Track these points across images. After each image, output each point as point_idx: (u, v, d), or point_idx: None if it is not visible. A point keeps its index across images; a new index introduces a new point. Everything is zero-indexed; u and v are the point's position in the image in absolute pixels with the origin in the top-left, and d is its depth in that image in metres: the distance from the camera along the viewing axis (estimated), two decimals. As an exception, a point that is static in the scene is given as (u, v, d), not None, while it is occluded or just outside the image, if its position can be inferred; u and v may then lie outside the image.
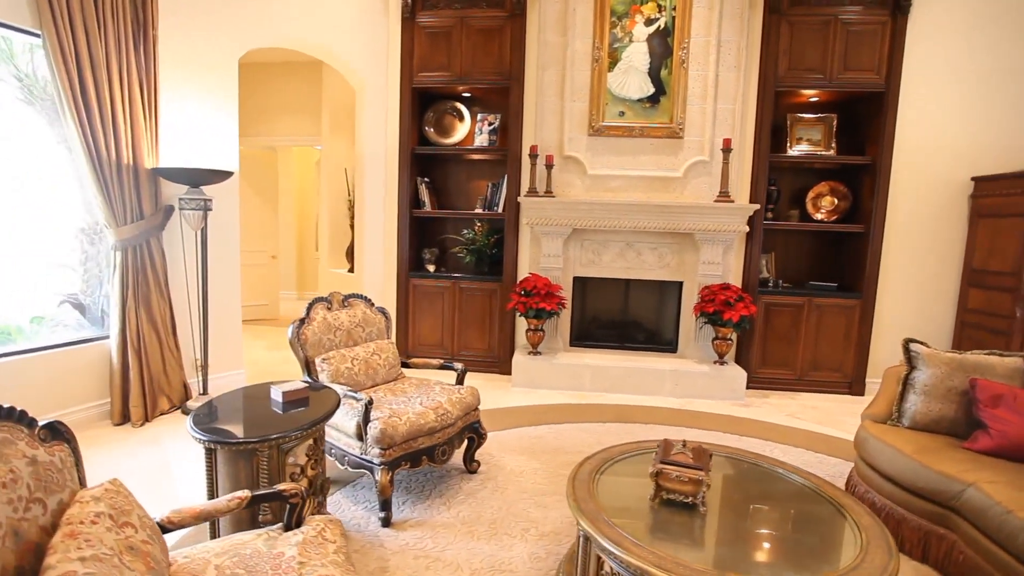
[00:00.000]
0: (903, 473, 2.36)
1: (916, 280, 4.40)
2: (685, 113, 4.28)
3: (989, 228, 4.13)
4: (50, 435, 1.25)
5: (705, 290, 4.29)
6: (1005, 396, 2.40)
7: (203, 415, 1.88)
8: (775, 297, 4.43)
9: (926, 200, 4.32)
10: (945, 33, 4.16)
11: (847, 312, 4.38)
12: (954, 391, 2.54)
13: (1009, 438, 2.30)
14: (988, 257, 4.11)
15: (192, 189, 3.53)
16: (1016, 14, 4.13)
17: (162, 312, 3.64)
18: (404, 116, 4.63)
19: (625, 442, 2.28)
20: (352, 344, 2.89)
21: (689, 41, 4.19)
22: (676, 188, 4.39)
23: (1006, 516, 1.91)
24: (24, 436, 1.18)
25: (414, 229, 4.84)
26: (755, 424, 3.79)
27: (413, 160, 4.73)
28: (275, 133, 6.03)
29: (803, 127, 4.47)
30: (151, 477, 2.74)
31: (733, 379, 4.25)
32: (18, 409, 1.21)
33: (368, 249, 4.81)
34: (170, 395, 3.70)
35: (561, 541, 2.31)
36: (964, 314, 4.31)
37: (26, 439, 1.18)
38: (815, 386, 4.47)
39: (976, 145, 4.24)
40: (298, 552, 1.35)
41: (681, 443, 1.92)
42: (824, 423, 3.86)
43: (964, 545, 2.11)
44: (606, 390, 4.33)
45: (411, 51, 4.54)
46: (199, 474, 2.72)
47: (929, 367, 2.63)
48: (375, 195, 4.78)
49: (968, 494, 2.09)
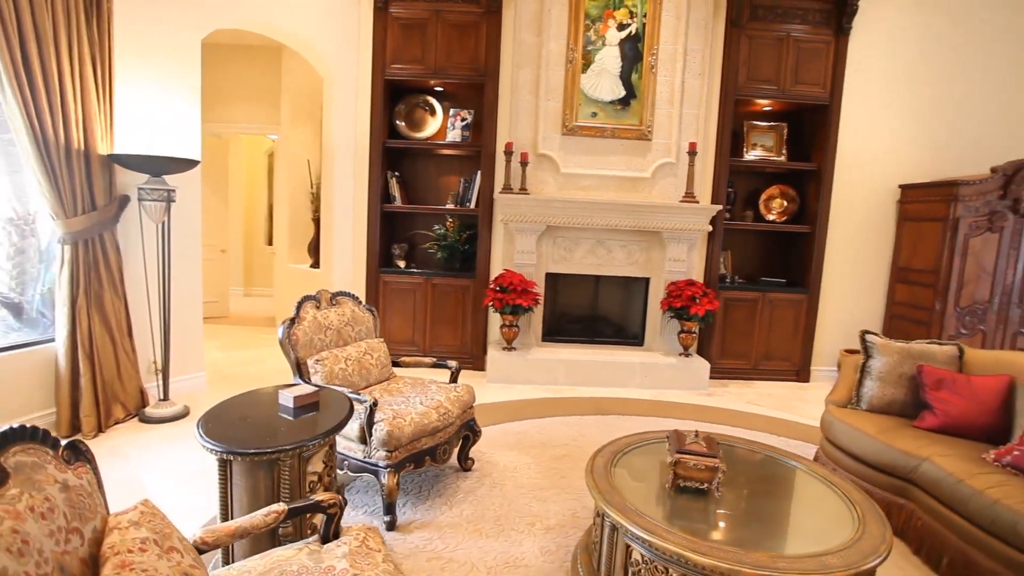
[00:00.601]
0: (866, 451, 2.63)
1: (853, 276, 4.84)
2: (654, 116, 4.45)
3: (913, 231, 4.60)
4: (73, 455, 1.15)
5: (672, 286, 4.50)
6: (946, 380, 2.71)
7: (210, 425, 1.78)
8: (733, 292, 4.72)
9: (862, 204, 4.75)
10: (880, 55, 4.58)
11: (795, 306, 4.75)
12: (904, 376, 2.84)
13: (951, 416, 2.61)
14: (912, 256, 4.59)
15: (153, 178, 3.29)
16: (941, 42, 4.61)
17: (116, 312, 3.37)
18: (375, 108, 4.51)
19: (628, 435, 2.38)
20: (343, 344, 2.82)
21: (658, 48, 4.36)
22: (644, 188, 4.56)
23: (957, 485, 2.18)
24: (51, 458, 1.08)
25: (384, 224, 4.74)
26: (720, 412, 4.04)
27: (384, 153, 4.62)
28: (227, 120, 5.67)
29: (758, 134, 4.78)
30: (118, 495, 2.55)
31: (697, 370, 4.50)
32: (40, 428, 1.11)
33: (337, 244, 4.66)
34: (125, 402, 3.44)
35: (567, 533, 2.38)
36: (892, 307, 4.78)
37: (54, 462, 1.08)
38: (768, 375, 4.82)
39: (904, 156, 4.71)
40: (349, 565, 1.33)
41: (694, 433, 2.04)
42: (779, 409, 4.18)
43: (921, 512, 2.38)
44: (579, 383, 4.45)
45: (383, 42, 4.43)
46: (173, 489, 2.57)
47: (883, 356, 2.92)
48: (344, 188, 4.63)
49: (924, 467, 2.36)
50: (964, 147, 4.69)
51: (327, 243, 4.79)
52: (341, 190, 4.63)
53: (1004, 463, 2.23)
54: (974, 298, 4.22)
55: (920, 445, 2.46)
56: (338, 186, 4.62)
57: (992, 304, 4.24)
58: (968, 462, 2.27)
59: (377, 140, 4.56)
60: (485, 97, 4.50)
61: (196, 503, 2.49)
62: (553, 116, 4.46)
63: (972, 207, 4.12)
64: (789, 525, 1.88)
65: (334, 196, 4.63)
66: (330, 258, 4.71)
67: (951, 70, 4.63)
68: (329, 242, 4.73)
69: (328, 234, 4.76)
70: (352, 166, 4.62)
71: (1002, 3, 4.60)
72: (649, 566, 1.71)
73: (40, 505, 0.96)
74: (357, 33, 4.47)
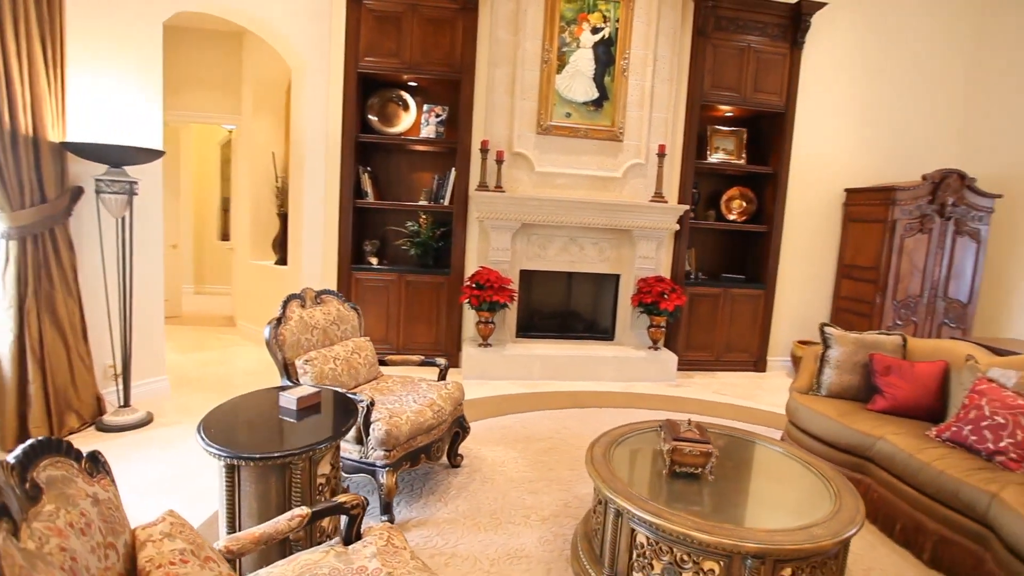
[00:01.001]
0: (828, 432, 2.86)
1: (804, 273, 5.17)
2: (625, 118, 4.59)
3: (857, 231, 4.98)
4: (93, 467, 1.10)
5: (642, 282, 4.67)
6: (893, 367, 2.98)
7: (212, 430, 1.73)
8: (697, 288, 4.95)
9: (813, 206, 5.09)
10: (828, 69, 4.91)
11: (754, 301, 5.03)
12: (858, 364, 3.10)
13: (899, 399, 2.87)
14: (856, 254, 4.96)
15: (112, 169, 3.09)
16: (879, 60, 5.00)
17: (70, 313, 3.15)
18: (348, 101, 4.41)
19: (619, 426, 2.47)
20: (329, 343, 2.77)
21: (630, 52, 4.49)
22: (615, 187, 4.70)
23: (909, 459, 2.42)
24: (77, 471, 1.03)
25: (356, 220, 4.65)
26: (689, 401, 4.24)
27: (356, 148, 4.53)
28: (179, 108, 5.37)
29: (720, 138, 5.01)
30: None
31: (666, 363, 4.69)
32: (63, 440, 1.06)
33: (307, 240, 4.53)
34: (80, 411, 3.23)
35: (562, 523, 2.45)
36: (839, 301, 5.16)
37: (80, 475, 1.04)
38: (729, 366, 5.08)
39: (849, 162, 5.08)
40: (381, 564, 1.34)
41: (687, 421, 2.15)
42: (742, 397, 4.43)
43: (877, 485, 2.62)
44: (554, 378, 4.54)
45: (357, 33, 4.33)
46: (145, 501, 2.43)
47: (839, 346, 3.16)
48: (314, 183, 4.51)
49: (879, 445, 2.60)
50: (901, 155, 5.11)
51: (296, 239, 4.64)
52: (311, 184, 4.50)
53: (944, 438, 2.49)
54: (908, 292, 4.62)
55: (875, 425, 2.71)
56: (308, 180, 4.49)
57: (922, 297, 4.65)
58: (916, 439, 2.53)
59: (349, 134, 4.46)
60: (461, 94, 4.49)
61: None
62: (528, 115, 4.51)
63: (907, 210, 4.51)
64: (776, 502, 2.02)
65: (303, 191, 4.49)
66: (299, 255, 4.58)
67: (888, 85, 5.03)
68: (298, 238, 4.59)
69: (297, 230, 4.62)
70: (323, 160, 4.50)
71: (931, 27, 5.03)
72: (654, 547, 1.81)
73: (78, 521, 0.92)
74: (329, 23, 4.35)
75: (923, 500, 2.34)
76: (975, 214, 4.55)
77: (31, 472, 0.84)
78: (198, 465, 2.81)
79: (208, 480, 2.67)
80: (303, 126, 4.44)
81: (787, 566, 1.70)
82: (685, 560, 1.75)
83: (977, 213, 4.56)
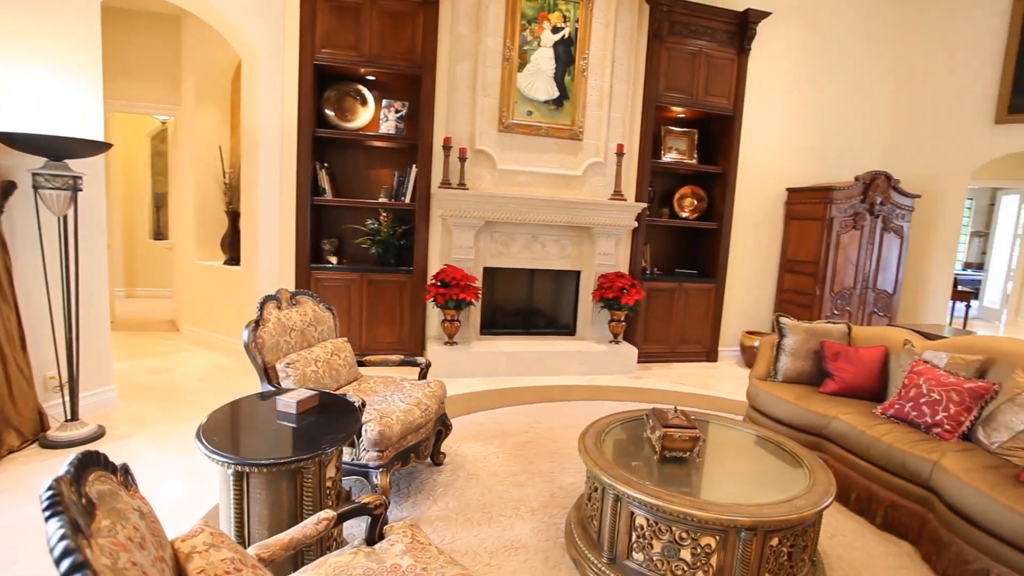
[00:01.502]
0: (788, 415, 3.08)
1: (751, 267, 5.52)
2: (584, 117, 4.70)
3: (797, 228, 5.37)
4: (126, 480, 1.05)
5: (603, 278, 4.81)
6: (841, 352, 3.26)
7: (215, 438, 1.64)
8: (654, 283, 5.16)
9: (759, 204, 5.44)
10: (772, 74, 5.26)
11: (706, 294, 5.31)
12: (810, 351, 3.36)
13: (847, 382, 3.14)
14: (797, 250, 5.35)
15: (53, 163, 2.84)
16: (820, 65, 5.40)
17: (6, 321, 2.87)
18: (304, 94, 4.25)
19: (604, 416, 2.55)
20: (307, 345, 2.68)
21: (589, 53, 4.61)
22: (576, 185, 4.81)
23: (861, 435, 2.67)
24: (117, 484, 0.98)
25: (313, 218, 4.49)
26: (650, 392, 4.42)
27: (313, 143, 4.37)
28: (109, 96, 4.94)
29: (673, 138, 5.25)
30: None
31: (627, 356, 4.87)
32: (100, 452, 1.00)
33: (263, 239, 4.33)
34: (20, 427, 2.95)
35: (552, 513, 2.51)
36: (782, 293, 5.55)
37: (121, 488, 0.98)
38: (684, 357, 5.34)
39: (791, 163, 5.47)
40: (414, 560, 1.34)
41: (673, 409, 2.27)
42: (698, 386, 4.68)
43: (834, 461, 2.86)
44: (519, 374, 4.60)
45: (312, 23, 4.18)
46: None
47: (793, 335, 3.41)
48: (269, 179, 4.31)
49: (834, 424, 2.84)
50: (835, 157, 5.56)
51: (250, 238, 4.42)
52: (266, 180, 4.30)
53: (889, 415, 2.76)
54: (843, 284, 5.05)
55: (828, 407, 2.95)
56: (263, 176, 4.28)
57: (855, 289, 5.10)
58: (865, 416, 2.78)
59: (306, 128, 4.30)
60: (422, 89, 4.44)
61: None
62: (490, 112, 4.53)
63: (842, 208, 4.92)
64: (758, 479, 2.17)
65: (258, 187, 4.29)
66: (254, 254, 4.36)
67: (824, 91, 5.46)
68: (253, 237, 4.38)
69: (251, 228, 4.40)
70: (278, 155, 4.31)
71: (861, 40, 5.50)
72: (654, 528, 1.90)
73: (134, 535, 0.88)
74: (283, 11, 4.17)
75: (875, 471, 2.59)
76: (899, 212, 5.04)
77: (84, 487, 0.79)
78: (159, 477, 2.65)
79: (177, 493, 2.52)
80: (255, 119, 4.24)
81: (775, 536, 1.85)
82: (684, 538, 1.85)
83: (901, 211, 5.04)
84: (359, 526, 2.18)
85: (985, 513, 2.03)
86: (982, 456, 2.30)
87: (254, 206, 4.34)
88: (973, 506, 2.08)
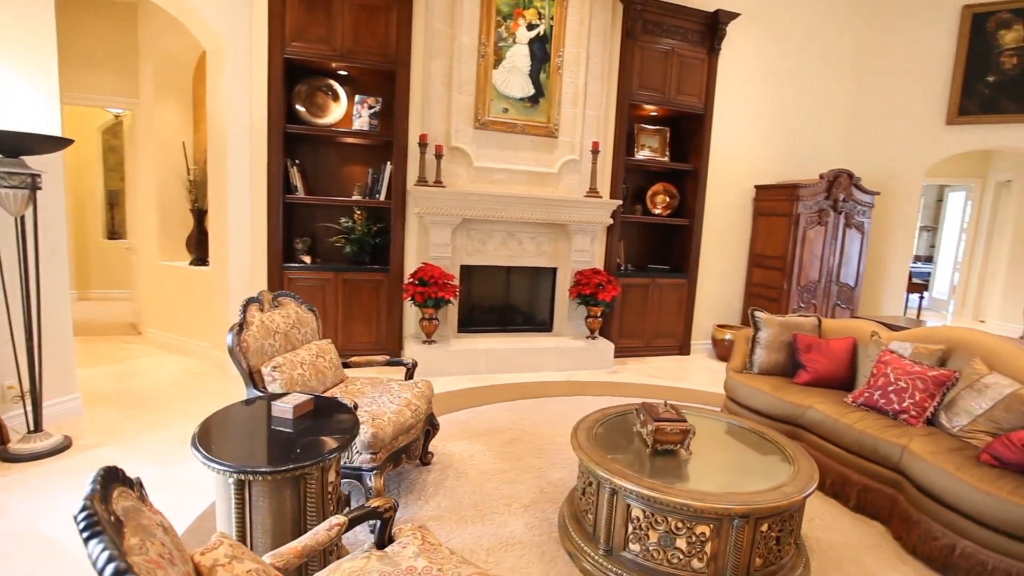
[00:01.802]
0: (765, 405, 3.19)
1: (721, 263, 5.69)
2: (560, 115, 4.73)
3: (765, 224, 5.56)
4: (142, 494, 1.01)
5: (579, 275, 4.87)
6: (813, 344, 3.40)
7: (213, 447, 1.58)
8: (629, 279, 5.25)
9: (729, 201, 5.60)
10: (741, 74, 5.41)
11: (678, 289, 5.44)
12: (784, 344, 3.49)
13: (819, 372, 3.28)
14: (766, 245, 5.55)
15: (8, 160, 2.67)
16: (786, 66, 5.58)
17: (-43, 327, 2.69)
18: (274, 89, 4.12)
19: (592, 412, 2.59)
20: (291, 348, 2.62)
21: (564, 50, 4.64)
22: (551, 183, 4.84)
23: (835, 423, 2.80)
24: (137, 499, 0.95)
25: (286, 216, 4.37)
26: (628, 386, 4.51)
27: (284, 139, 4.25)
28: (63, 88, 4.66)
29: (646, 136, 5.34)
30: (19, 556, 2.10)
31: (603, 351, 4.94)
32: (116, 466, 0.96)
33: (233, 238, 4.18)
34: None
35: (544, 508, 2.54)
36: (751, 287, 5.73)
37: (142, 504, 0.95)
38: (658, 351, 5.46)
39: (758, 161, 5.65)
40: (428, 562, 1.34)
41: (663, 403, 2.32)
42: (674, 379, 4.80)
43: (809, 448, 2.97)
44: (498, 371, 4.61)
45: (282, 15, 4.05)
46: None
47: (768, 328, 3.54)
48: (239, 177, 4.16)
49: (809, 413, 2.97)
50: (801, 155, 5.77)
51: (219, 237, 4.27)
52: (235, 178, 4.15)
53: (859, 403, 2.90)
54: (809, 278, 5.26)
55: (803, 396, 3.08)
56: (232, 173, 4.13)
57: (820, 283, 5.33)
58: (837, 405, 2.92)
59: (276, 124, 4.17)
60: (397, 86, 4.37)
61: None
62: (466, 110, 4.50)
63: (808, 205, 5.12)
64: (745, 469, 2.25)
65: (227, 184, 4.13)
66: (224, 254, 4.21)
67: (789, 92, 5.65)
68: (222, 236, 4.22)
69: (220, 227, 4.24)
70: (247, 151, 4.16)
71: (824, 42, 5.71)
72: (650, 519, 1.95)
73: (163, 552, 0.84)
74: (251, 1, 4.02)
75: (848, 457, 2.71)
76: (860, 208, 5.28)
77: (110, 504, 0.76)
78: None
79: (159, 504, 2.42)
80: (222, 114, 4.08)
81: (765, 522, 1.92)
82: (680, 527, 1.91)
83: (862, 208, 5.29)
84: (354, 530, 2.15)
85: (950, 492, 2.17)
86: (946, 439, 2.45)
87: (223, 204, 4.18)
88: (940, 486, 2.21)
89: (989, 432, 2.39)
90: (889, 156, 5.62)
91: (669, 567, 1.94)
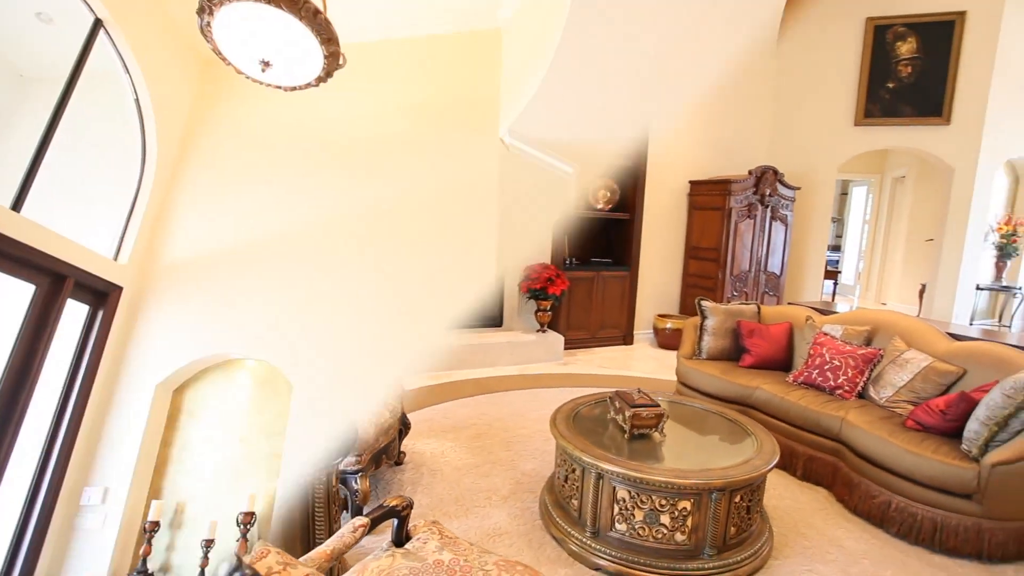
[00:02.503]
0: (715, 388, 3.42)
1: (660, 255, 5.98)
2: (510, 111, 4.77)
3: (700, 217, 5.92)
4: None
5: (529, 270, 4.95)
6: (755, 330, 3.68)
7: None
8: (575, 272, 5.40)
9: (666, 196, 5.90)
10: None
11: (621, 281, 5.67)
12: (729, 330, 3.75)
13: (762, 355, 3.56)
14: (700, 238, 5.90)
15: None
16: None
17: None
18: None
19: (566, 402, 2.67)
20: (254, 350, 2.48)
21: (514, 47, 4.67)
22: (503, 179, 4.87)
23: (781, 400, 3.05)
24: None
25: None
26: (580, 376, 4.65)
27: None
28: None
29: (590, 133, 5.50)
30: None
31: (554, 344, 5.06)
32: None
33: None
34: None
35: (523, 498, 2.58)
36: (687, 278, 6.08)
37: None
38: (604, 342, 5.67)
39: (692, 157, 5.98)
40: (453, 554, 1.34)
41: (636, 390, 2.44)
42: (621, 368, 5.00)
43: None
44: (455, 367, 4.61)
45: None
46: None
47: (713, 316, 3.79)
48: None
49: (757, 393, 3.22)
50: (728, 152, 6.17)
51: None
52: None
53: (799, 382, 3.19)
54: (740, 268, 5.67)
55: (749, 378, 3.33)
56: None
57: (750, 272, 5.75)
58: (780, 384, 3.19)
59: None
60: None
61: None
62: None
63: (739, 199, 5.51)
64: (714, 447, 2.41)
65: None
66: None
67: (719, 94, 6.03)
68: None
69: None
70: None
71: (749, 43, 6.14)
72: (635, 499, 2.05)
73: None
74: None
75: (793, 431, 2.97)
76: (784, 203, 5.75)
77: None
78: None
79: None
80: None
81: (738, 493, 2.08)
82: (663, 504, 2.02)
83: (785, 202, 5.76)
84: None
85: (885, 455, 2.45)
86: (876, 410, 2.75)
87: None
88: (876, 450, 2.49)
89: (911, 401, 2.72)
90: (807, 154, 6.16)
91: (654, 542, 2.05)
